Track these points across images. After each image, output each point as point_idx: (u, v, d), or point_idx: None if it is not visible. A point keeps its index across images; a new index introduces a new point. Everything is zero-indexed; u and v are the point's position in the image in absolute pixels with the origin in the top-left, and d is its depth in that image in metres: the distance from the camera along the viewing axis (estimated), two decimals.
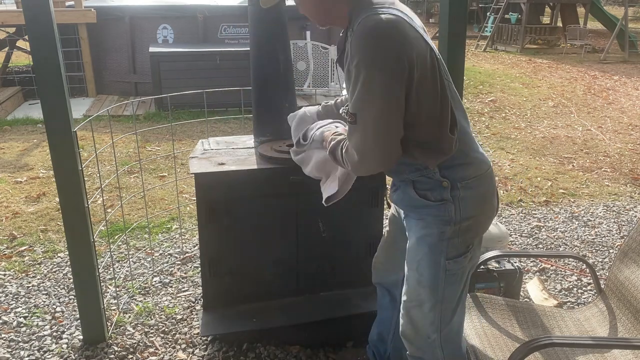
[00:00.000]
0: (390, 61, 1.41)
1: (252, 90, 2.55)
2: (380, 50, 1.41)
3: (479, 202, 1.63)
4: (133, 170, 4.89)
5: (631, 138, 6.46)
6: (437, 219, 1.61)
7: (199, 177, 2.24)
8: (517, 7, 15.83)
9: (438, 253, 1.63)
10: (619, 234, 3.80)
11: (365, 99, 1.44)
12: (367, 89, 1.43)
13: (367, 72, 1.41)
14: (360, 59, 1.41)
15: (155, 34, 8.15)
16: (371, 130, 1.46)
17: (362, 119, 1.46)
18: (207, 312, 2.45)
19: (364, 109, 1.45)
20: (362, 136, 1.48)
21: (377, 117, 1.45)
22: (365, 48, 1.42)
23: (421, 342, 1.72)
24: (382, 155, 1.51)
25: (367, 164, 1.53)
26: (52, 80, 2.09)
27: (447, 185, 1.58)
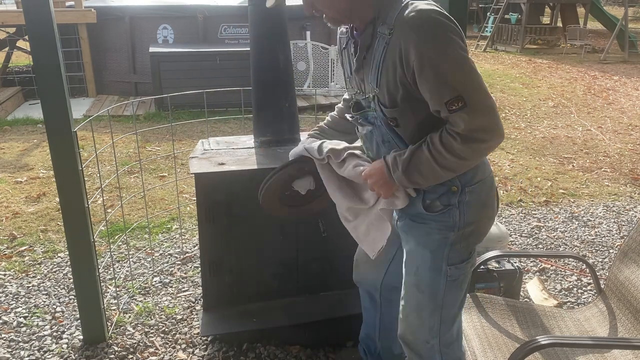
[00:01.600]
0: (460, 34, 1.38)
1: (252, 90, 2.55)
2: (449, 27, 1.36)
3: (482, 206, 1.59)
4: (133, 170, 4.89)
5: (631, 138, 6.46)
6: (441, 225, 1.57)
7: (199, 177, 2.24)
8: (517, 7, 15.84)
9: (439, 259, 1.59)
10: (619, 234, 3.80)
11: (465, 73, 1.36)
12: (459, 63, 1.36)
13: (445, 48, 1.34)
14: (431, 41, 1.34)
15: (155, 34, 8.16)
16: (485, 98, 1.37)
17: (472, 93, 1.35)
18: (207, 312, 2.45)
19: (466, 84, 1.35)
20: (480, 109, 1.36)
21: (481, 83, 1.37)
22: (435, 30, 1.35)
23: (420, 346, 1.69)
24: (500, 119, 1.40)
25: (495, 138, 1.39)
26: (52, 80, 2.09)
27: (457, 189, 1.53)
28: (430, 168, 1.44)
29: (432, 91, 1.38)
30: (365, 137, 1.66)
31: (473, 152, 1.40)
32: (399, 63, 1.40)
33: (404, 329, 1.70)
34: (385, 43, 1.42)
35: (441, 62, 1.34)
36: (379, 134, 1.59)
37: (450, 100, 1.35)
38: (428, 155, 1.43)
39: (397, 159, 1.50)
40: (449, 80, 1.35)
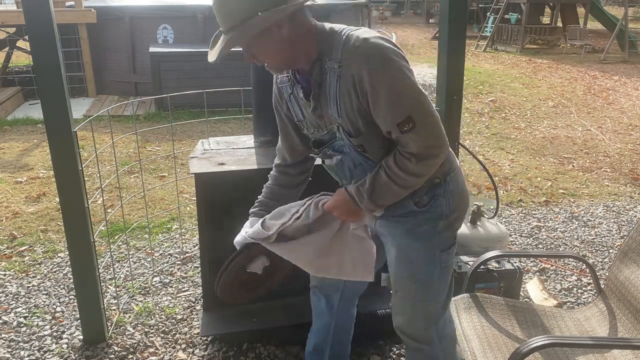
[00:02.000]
0: (403, 57, 1.45)
1: (252, 90, 2.55)
2: (393, 51, 1.43)
3: (462, 192, 1.69)
4: (133, 170, 4.89)
5: (631, 138, 6.46)
6: (430, 215, 1.64)
7: (199, 177, 2.24)
8: (517, 7, 15.83)
9: (433, 248, 1.66)
10: (619, 234, 3.80)
11: (412, 96, 1.43)
12: (405, 85, 1.42)
13: (394, 72, 1.41)
14: (380, 67, 1.40)
15: (155, 34, 8.15)
16: (432, 117, 1.46)
17: (420, 113, 1.44)
18: (207, 312, 2.45)
19: (415, 104, 1.43)
20: (429, 129, 1.45)
21: (428, 103, 1.45)
22: (383, 56, 1.41)
23: (417, 334, 1.76)
24: (444, 133, 1.50)
25: (443, 150, 1.50)
26: (52, 80, 2.09)
27: (440, 181, 1.62)
28: (391, 190, 1.54)
29: (385, 114, 1.45)
30: (336, 167, 1.70)
31: (427, 167, 1.51)
32: (354, 92, 1.44)
33: (401, 320, 1.75)
34: (337, 76, 1.46)
35: (392, 86, 1.41)
36: (349, 160, 1.64)
37: (401, 122, 1.43)
38: (387, 179, 1.52)
39: (360, 189, 1.57)
40: (400, 103, 1.43)
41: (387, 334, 2.55)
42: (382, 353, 2.46)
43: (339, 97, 1.48)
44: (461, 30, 2.47)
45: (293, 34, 1.46)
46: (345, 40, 1.45)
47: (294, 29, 1.46)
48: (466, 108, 7.71)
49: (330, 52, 1.47)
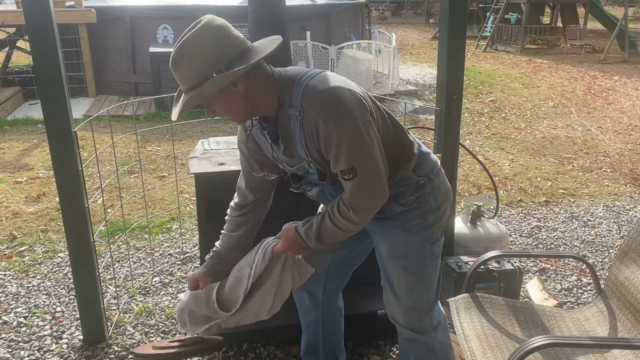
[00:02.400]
0: (359, 106, 1.50)
1: None
2: (345, 102, 1.48)
3: (447, 188, 1.80)
4: (133, 170, 4.89)
5: (631, 138, 6.46)
6: (420, 211, 1.72)
7: (199, 177, 2.24)
8: (517, 7, 15.83)
9: (424, 240, 1.75)
10: (619, 234, 3.80)
11: (358, 148, 1.50)
12: (355, 139, 1.49)
13: (345, 125, 1.47)
14: (333, 119, 1.46)
15: (155, 34, 8.16)
16: (375, 170, 1.54)
17: (362, 166, 1.52)
18: None
19: (360, 158, 1.51)
20: (369, 180, 1.54)
21: (374, 157, 1.53)
22: (331, 108, 1.47)
23: (413, 324, 1.83)
24: (385, 184, 1.59)
25: (380, 201, 1.61)
26: (52, 80, 2.09)
27: (424, 181, 1.71)
28: (335, 233, 1.65)
29: (333, 160, 1.54)
30: (318, 196, 1.79)
31: (364, 218, 1.62)
32: (314, 138, 1.52)
33: (395, 310, 1.84)
34: (300, 122, 1.53)
35: (341, 138, 1.47)
36: (328, 189, 1.72)
37: (344, 171, 1.53)
38: (331, 224, 1.63)
39: (308, 232, 1.68)
40: (346, 154, 1.50)
41: (387, 334, 2.55)
42: (382, 353, 2.46)
43: (305, 140, 1.55)
44: (461, 31, 2.47)
45: (250, 89, 1.51)
46: (304, 88, 1.50)
47: (250, 85, 1.51)
48: (466, 108, 7.71)
49: (291, 100, 1.52)
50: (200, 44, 1.46)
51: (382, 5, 24.62)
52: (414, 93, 8.82)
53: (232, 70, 1.44)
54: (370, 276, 2.64)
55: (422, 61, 12.73)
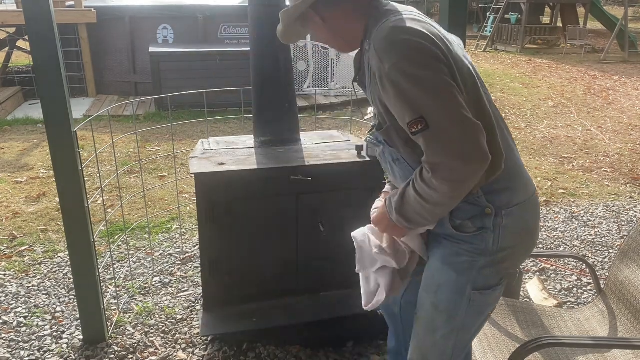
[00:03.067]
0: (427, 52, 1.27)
1: (252, 90, 2.55)
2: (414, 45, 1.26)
3: (521, 231, 1.46)
4: (133, 170, 4.89)
5: (631, 138, 6.46)
6: (471, 247, 1.43)
7: (199, 177, 2.24)
8: (517, 7, 15.83)
9: (465, 281, 1.46)
10: (619, 234, 3.80)
11: (425, 92, 1.22)
12: (421, 81, 1.23)
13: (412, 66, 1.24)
14: (396, 59, 1.25)
15: (155, 34, 8.16)
16: (452, 121, 1.21)
17: (433, 115, 1.21)
18: (207, 312, 2.45)
19: (429, 104, 1.22)
20: (447, 132, 1.21)
21: (449, 106, 1.22)
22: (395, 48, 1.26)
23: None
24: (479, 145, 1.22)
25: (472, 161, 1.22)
26: (52, 80, 2.09)
27: (491, 212, 1.40)
28: (419, 206, 1.33)
29: (395, 112, 1.30)
30: (380, 158, 1.58)
31: (447, 183, 1.24)
32: (375, 84, 1.33)
33: (415, 349, 1.59)
34: (367, 60, 1.37)
35: (402, 81, 1.23)
36: (388, 152, 1.49)
37: (410, 122, 1.24)
38: (413, 192, 1.32)
39: (391, 200, 1.42)
40: (410, 100, 1.23)
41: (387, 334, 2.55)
42: (382, 353, 2.46)
43: (369, 81, 1.39)
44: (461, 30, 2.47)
45: (332, 21, 1.42)
46: (379, 26, 1.33)
47: (336, 19, 1.42)
48: None
49: (370, 34, 1.36)
50: None
51: None
52: None
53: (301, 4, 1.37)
54: None
55: None
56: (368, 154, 1.61)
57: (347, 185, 2.42)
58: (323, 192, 2.39)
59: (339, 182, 2.38)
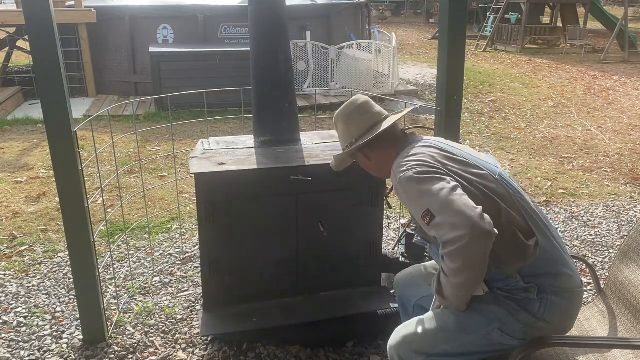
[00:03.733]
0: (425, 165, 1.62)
1: (252, 90, 2.55)
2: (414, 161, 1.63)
3: (564, 314, 1.64)
4: (133, 170, 4.89)
5: (631, 138, 6.46)
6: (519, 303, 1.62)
7: (199, 177, 2.24)
8: (517, 7, 15.83)
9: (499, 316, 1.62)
10: (619, 234, 3.80)
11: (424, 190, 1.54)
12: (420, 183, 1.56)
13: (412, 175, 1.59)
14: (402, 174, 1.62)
15: (155, 34, 8.15)
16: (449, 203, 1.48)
17: (435, 205, 1.50)
18: (207, 312, 2.45)
19: (429, 197, 1.52)
20: (447, 214, 1.47)
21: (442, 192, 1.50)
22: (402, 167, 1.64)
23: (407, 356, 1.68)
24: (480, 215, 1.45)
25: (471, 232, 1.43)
26: (52, 80, 2.09)
27: (534, 290, 1.61)
28: (448, 283, 1.56)
29: (411, 212, 1.63)
30: (432, 254, 1.88)
31: (459, 254, 1.47)
32: None
33: (404, 339, 1.68)
34: None
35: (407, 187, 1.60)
36: (435, 247, 1.74)
37: (422, 216, 1.54)
38: (442, 273, 1.57)
39: (433, 283, 1.66)
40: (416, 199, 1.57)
41: (387, 334, 2.55)
42: (382, 353, 2.46)
43: None
44: (461, 30, 2.47)
45: (375, 155, 1.85)
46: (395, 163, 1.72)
47: (377, 154, 1.84)
48: (466, 108, 7.71)
49: None
50: (338, 123, 1.92)
51: (382, 5, 24.62)
52: (414, 93, 8.82)
53: (354, 147, 1.84)
54: (370, 276, 2.65)
55: (422, 61, 12.73)
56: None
57: (347, 186, 2.42)
58: (323, 192, 2.39)
59: (339, 182, 2.39)
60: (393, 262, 2.69)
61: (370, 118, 1.87)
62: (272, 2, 2.42)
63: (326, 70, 8.14)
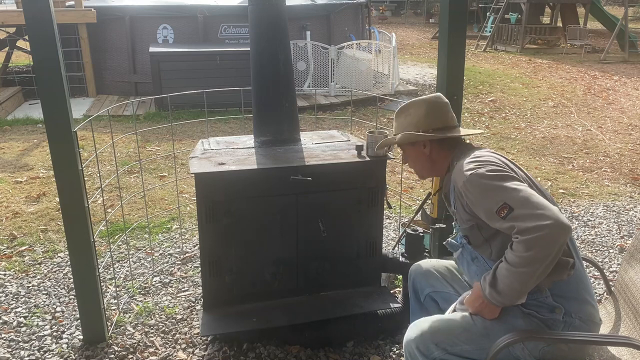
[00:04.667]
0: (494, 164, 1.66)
1: (252, 90, 2.55)
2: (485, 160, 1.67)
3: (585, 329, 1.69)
4: (133, 170, 4.89)
5: (631, 138, 6.46)
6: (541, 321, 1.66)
7: (199, 177, 2.24)
8: (517, 7, 15.82)
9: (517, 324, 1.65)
10: (619, 234, 3.80)
11: (501, 185, 1.58)
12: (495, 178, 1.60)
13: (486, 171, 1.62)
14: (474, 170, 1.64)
15: (155, 34, 8.15)
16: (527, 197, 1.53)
17: (513, 198, 1.54)
18: (207, 312, 2.45)
19: (507, 191, 1.56)
20: (527, 206, 1.52)
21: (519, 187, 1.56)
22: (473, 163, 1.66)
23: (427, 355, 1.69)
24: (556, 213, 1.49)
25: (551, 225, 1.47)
26: (52, 80, 2.09)
27: (560, 311, 1.66)
28: (510, 275, 1.55)
29: (483, 208, 1.63)
30: (458, 260, 1.91)
31: (537, 244, 1.49)
32: (457, 196, 1.74)
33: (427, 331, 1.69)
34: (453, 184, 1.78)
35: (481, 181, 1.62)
36: (467, 253, 1.83)
37: (498, 209, 1.56)
38: (505, 264, 1.57)
39: (485, 277, 1.66)
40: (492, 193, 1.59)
41: (387, 334, 2.55)
42: (382, 353, 2.46)
43: (453, 199, 1.80)
44: (461, 31, 2.47)
45: (434, 154, 1.88)
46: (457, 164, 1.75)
47: (437, 151, 1.88)
48: (466, 108, 7.70)
49: (454, 166, 1.79)
50: (419, 108, 1.90)
51: (382, 5, 24.61)
52: (414, 93, 8.82)
53: (423, 134, 1.85)
54: (370, 276, 2.65)
55: (422, 61, 12.74)
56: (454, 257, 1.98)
57: (347, 185, 2.42)
58: (323, 192, 2.39)
59: (339, 182, 2.39)
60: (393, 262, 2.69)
61: (452, 119, 1.93)
62: (272, 2, 2.42)
63: (326, 70, 8.14)
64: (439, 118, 1.90)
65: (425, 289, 2.05)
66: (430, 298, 2.04)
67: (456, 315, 1.74)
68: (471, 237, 1.77)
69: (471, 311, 1.71)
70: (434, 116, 1.89)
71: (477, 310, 1.69)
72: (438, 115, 1.90)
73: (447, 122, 1.91)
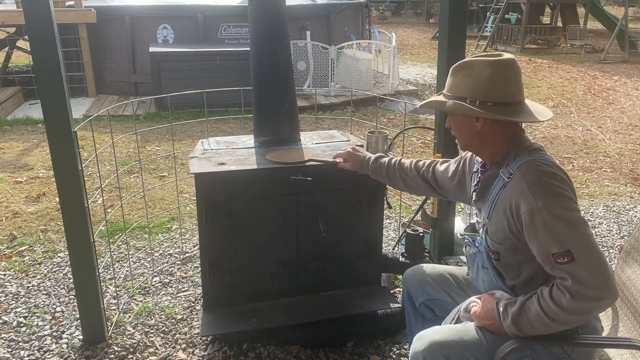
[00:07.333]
0: (570, 189, 1.51)
1: (252, 90, 2.55)
2: (562, 185, 1.49)
3: (590, 354, 1.69)
4: (133, 170, 4.89)
5: (631, 138, 6.46)
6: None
7: (199, 177, 2.24)
8: (517, 7, 15.82)
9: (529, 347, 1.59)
10: (619, 234, 3.80)
11: (573, 230, 1.44)
12: (568, 221, 1.45)
13: (561, 207, 1.45)
14: (547, 200, 1.46)
15: (155, 34, 8.15)
16: (595, 255, 1.42)
17: (579, 250, 1.42)
18: (207, 312, 2.45)
19: (576, 239, 1.43)
20: (590, 268, 1.41)
21: (591, 241, 1.44)
22: (548, 189, 1.48)
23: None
24: (613, 281, 1.42)
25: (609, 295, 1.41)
26: (52, 80, 2.09)
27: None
28: (540, 320, 1.48)
29: (540, 244, 1.48)
30: (469, 258, 1.82)
31: (583, 309, 1.43)
32: (509, 212, 1.54)
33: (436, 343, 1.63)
34: (503, 185, 1.58)
35: (552, 218, 1.44)
36: (480, 259, 1.73)
37: (557, 254, 1.44)
38: (538, 308, 1.48)
39: (507, 308, 1.56)
40: (559, 235, 1.44)
41: (387, 334, 2.55)
42: (382, 353, 2.46)
43: (495, 204, 1.60)
44: (461, 31, 2.47)
45: (487, 132, 1.62)
46: (526, 161, 1.55)
47: (489, 130, 1.61)
48: None
49: (510, 163, 1.59)
50: (482, 71, 1.57)
51: (382, 5, 24.61)
52: (414, 93, 8.82)
53: (478, 109, 1.56)
54: (370, 276, 2.65)
55: (422, 61, 12.74)
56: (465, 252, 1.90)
57: (347, 185, 2.42)
58: (323, 192, 2.39)
59: (339, 182, 2.38)
60: (393, 262, 2.69)
61: (519, 92, 1.62)
62: (272, 2, 2.42)
63: (326, 70, 8.14)
64: (504, 89, 1.58)
65: (420, 296, 1.99)
66: (425, 305, 1.98)
67: (464, 327, 1.69)
68: (502, 255, 1.63)
69: (477, 325, 1.66)
70: (497, 86, 1.57)
71: (484, 327, 1.64)
72: (503, 86, 1.58)
73: (513, 97, 1.60)
